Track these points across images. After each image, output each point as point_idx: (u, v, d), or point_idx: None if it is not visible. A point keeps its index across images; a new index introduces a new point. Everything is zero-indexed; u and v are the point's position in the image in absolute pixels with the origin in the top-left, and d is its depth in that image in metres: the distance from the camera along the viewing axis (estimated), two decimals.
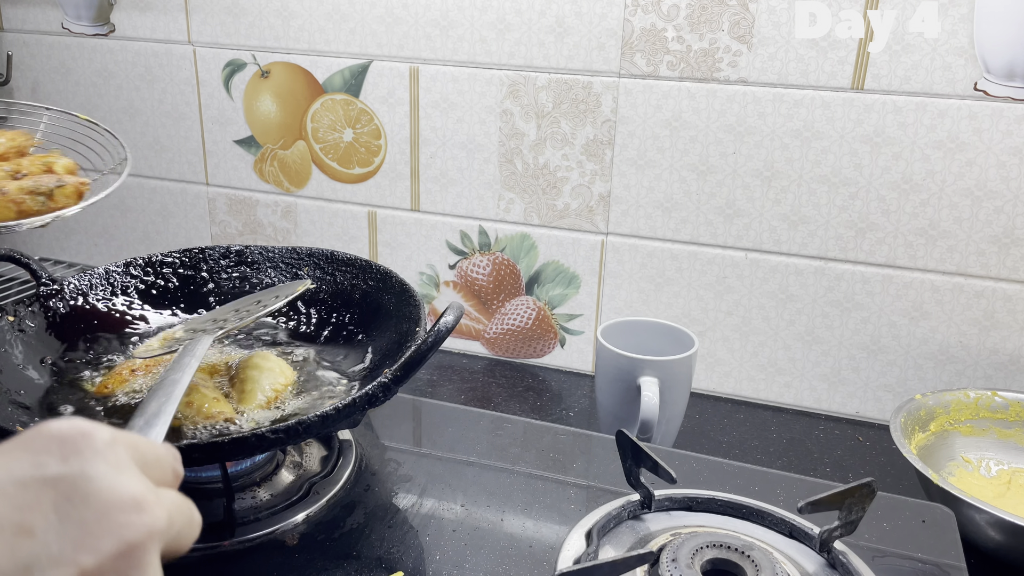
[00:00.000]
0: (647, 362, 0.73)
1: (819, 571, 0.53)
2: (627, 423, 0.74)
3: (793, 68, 0.80)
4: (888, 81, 0.78)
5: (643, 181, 0.88)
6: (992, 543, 0.63)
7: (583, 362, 0.97)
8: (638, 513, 0.58)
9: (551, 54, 0.87)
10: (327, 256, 0.76)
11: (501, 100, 0.91)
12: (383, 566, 0.54)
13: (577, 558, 0.53)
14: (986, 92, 0.76)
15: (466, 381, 0.96)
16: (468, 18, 0.89)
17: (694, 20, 0.82)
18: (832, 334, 0.87)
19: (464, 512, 0.60)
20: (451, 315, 0.56)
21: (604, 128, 0.88)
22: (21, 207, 0.61)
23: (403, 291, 0.69)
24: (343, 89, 0.96)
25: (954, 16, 0.74)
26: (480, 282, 0.98)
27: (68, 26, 1.06)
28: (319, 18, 0.95)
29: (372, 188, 0.99)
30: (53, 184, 0.63)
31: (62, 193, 0.63)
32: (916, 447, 0.72)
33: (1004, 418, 0.77)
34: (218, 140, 1.04)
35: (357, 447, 0.67)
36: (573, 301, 0.95)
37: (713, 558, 0.51)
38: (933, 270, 0.82)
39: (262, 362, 0.64)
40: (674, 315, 0.91)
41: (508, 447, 0.69)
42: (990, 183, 0.78)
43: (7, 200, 0.60)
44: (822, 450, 0.83)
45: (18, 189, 0.61)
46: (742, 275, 0.88)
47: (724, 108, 0.83)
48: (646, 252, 0.90)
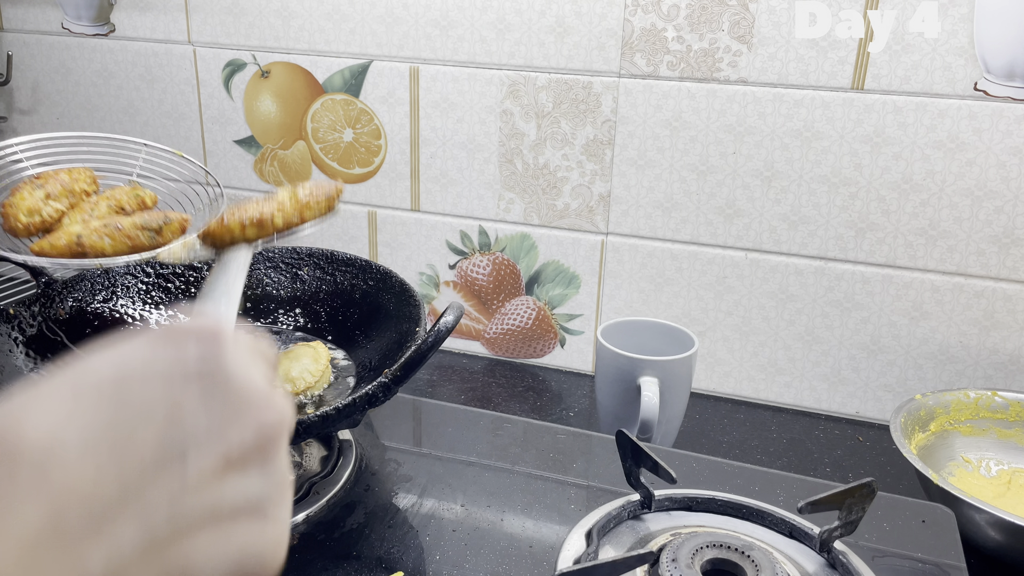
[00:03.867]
0: (647, 362, 0.73)
1: (819, 571, 0.53)
2: (627, 423, 0.74)
3: (793, 68, 0.80)
4: (888, 81, 0.78)
5: (643, 181, 0.88)
6: (992, 543, 0.63)
7: (583, 362, 0.97)
8: (638, 513, 0.58)
9: (551, 54, 0.87)
10: (327, 256, 0.76)
11: (501, 100, 0.91)
12: (383, 566, 0.54)
13: (577, 558, 0.53)
14: (986, 92, 0.76)
15: (466, 381, 0.96)
16: (468, 18, 0.89)
17: (694, 20, 0.82)
18: (832, 334, 0.87)
19: (464, 512, 0.60)
20: (451, 315, 0.56)
21: (604, 128, 0.88)
22: (135, 242, 0.62)
23: (403, 291, 0.69)
24: (343, 89, 0.96)
25: (954, 16, 0.74)
26: (480, 282, 0.98)
27: (68, 26, 1.06)
28: (319, 18, 0.95)
29: (372, 188, 0.99)
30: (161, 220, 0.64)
31: (169, 228, 0.64)
32: (916, 447, 0.72)
33: (1004, 418, 0.77)
34: (218, 140, 1.04)
35: (357, 447, 0.67)
36: (573, 301, 0.95)
37: (713, 558, 0.51)
38: (933, 270, 0.82)
39: (303, 350, 0.65)
40: (674, 315, 0.91)
41: (508, 447, 0.69)
42: (990, 183, 0.78)
43: (123, 235, 0.62)
44: (822, 450, 0.83)
45: (131, 225, 0.62)
46: (742, 275, 0.88)
47: (724, 108, 0.83)
48: (646, 252, 0.90)
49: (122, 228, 0.61)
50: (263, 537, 0.26)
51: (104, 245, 0.61)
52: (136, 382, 0.25)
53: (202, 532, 0.24)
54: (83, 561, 0.22)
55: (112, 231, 0.61)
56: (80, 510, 0.22)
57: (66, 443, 0.22)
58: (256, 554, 0.26)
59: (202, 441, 0.24)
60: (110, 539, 0.22)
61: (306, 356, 0.65)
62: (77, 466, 0.22)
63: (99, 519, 0.22)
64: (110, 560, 0.22)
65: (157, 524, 0.23)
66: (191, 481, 0.24)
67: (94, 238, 0.60)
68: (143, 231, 0.62)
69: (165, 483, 0.24)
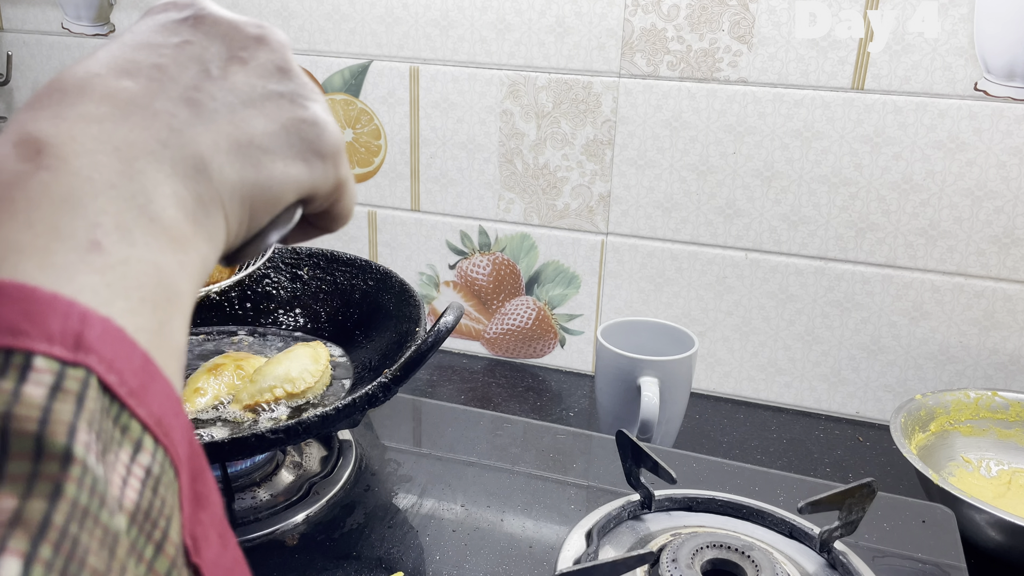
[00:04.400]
0: (647, 362, 0.73)
1: (819, 571, 0.53)
2: (627, 423, 0.74)
3: (793, 68, 0.80)
4: (888, 81, 0.78)
5: (643, 181, 0.88)
6: (992, 543, 0.63)
7: (583, 362, 0.97)
8: (638, 513, 0.58)
9: (551, 54, 0.87)
10: (327, 256, 0.76)
11: (501, 100, 0.90)
12: (383, 566, 0.54)
13: (577, 558, 0.53)
14: (986, 92, 0.76)
15: (466, 381, 0.96)
16: (468, 18, 0.89)
17: (694, 20, 0.82)
18: (832, 334, 0.87)
19: (464, 512, 0.60)
20: (451, 315, 0.56)
21: (604, 128, 0.88)
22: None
23: (403, 291, 0.69)
24: (343, 89, 0.96)
25: (954, 16, 0.74)
26: (480, 282, 0.98)
27: (68, 26, 1.06)
28: (319, 18, 0.95)
29: (372, 188, 0.99)
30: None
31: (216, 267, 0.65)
32: (916, 447, 0.72)
33: (1004, 418, 0.77)
34: None
35: (357, 447, 0.67)
36: (573, 301, 0.95)
37: (713, 558, 0.51)
38: (933, 270, 0.82)
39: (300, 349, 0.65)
40: (674, 315, 0.91)
41: (508, 447, 0.69)
42: (990, 183, 0.78)
43: None
44: (822, 450, 0.83)
45: None
46: (742, 275, 0.88)
47: (724, 108, 0.83)
48: (646, 252, 0.90)
49: None
50: (307, 112, 0.29)
51: None
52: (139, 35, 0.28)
53: (247, 110, 0.27)
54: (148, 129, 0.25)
55: None
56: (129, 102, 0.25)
57: (100, 73, 0.25)
58: (309, 122, 0.29)
59: (215, 56, 0.28)
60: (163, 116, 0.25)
61: (306, 356, 0.64)
62: (115, 81, 0.25)
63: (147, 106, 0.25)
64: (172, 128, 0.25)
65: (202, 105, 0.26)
66: (218, 78, 0.27)
67: None
68: None
69: (195, 81, 0.27)
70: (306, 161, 0.29)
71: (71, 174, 0.22)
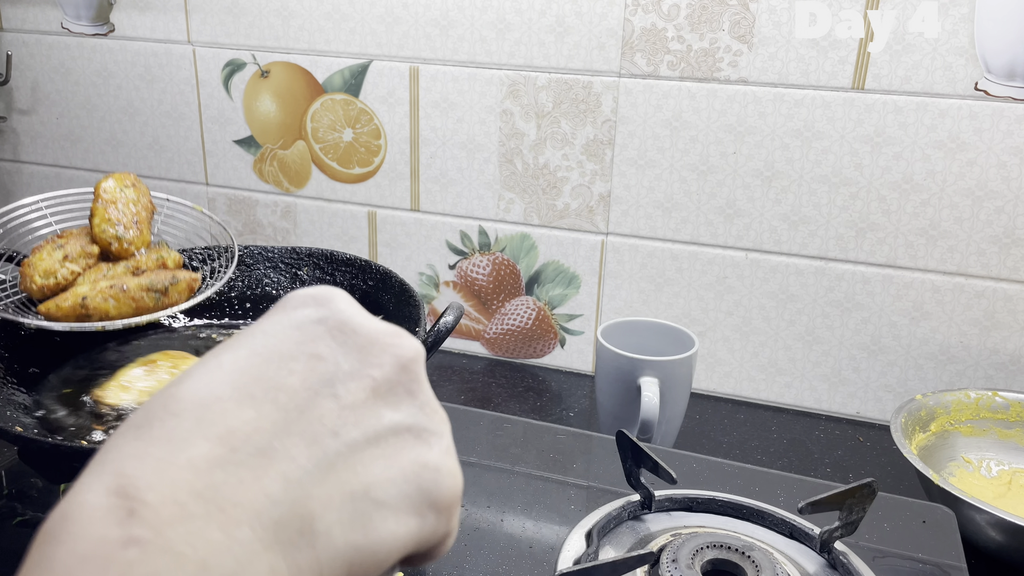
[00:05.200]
0: (647, 362, 0.73)
1: (819, 572, 0.53)
2: (627, 423, 0.74)
3: (793, 68, 0.80)
4: (888, 81, 0.78)
5: (643, 181, 0.88)
6: (993, 543, 0.63)
7: (583, 362, 0.97)
8: (638, 513, 0.58)
9: (551, 54, 0.87)
10: (327, 256, 0.76)
11: (501, 100, 0.90)
12: None
13: (577, 559, 0.53)
14: (987, 92, 0.76)
15: (466, 381, 0.96)
16: (468, 18, 0.89)
17: (694, 20, 0.82)
18: (832, 334, 0.87)
19: (464, 512, 0.60)
20: (451, 315, 0.56)
21: (604, 128, 0.88)
22: (139, 304, 0.63)
23: (403, 291, 0.69)
24: (343, 89, 0.96)
25: (954, 16, 0.74)
26: (480, 282, 0.98)
27: (68, 26, 1.06)
28: (319, 18, 0.94)
29: (372, 188, 0.99)
30: (168, 281, 0.64)
31: (175, 289, 0.65)
32: (917, 447, 0.72)
33: (1005, 418, 0.77)
34: (218, 140, 1.04)
35: None
36: (573, 301, 0.95)
37: (713, 559, 0.51)
38: (934, 270, 0.82)
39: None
40: (674, 315, 0.91)
41: (508, 447, 0.69)
42: (991, 183, 0.78)
43: (127, 296, 0.62)
44: (822, 450, 0.83)
45: (137, 286, 0.63)
46: (742, 275, 0.88)
47: (724, 108, 0.83)
48: (646, 252, 0.90)
49: (127, 290, 0.62)
50: (430, 455, 0.27)
51: (108, 307, 0.62)
52: (272, 338, 0.26)
53: (368, 450, 0.25)
54: (260, 482, 0.23)
55: (117, 293, 0.62)
56: (247, 440, 0.23)
57: (222, 396, 0.24)
58: (431, 468, 0.27)
59: (346, 376, 0.26)
60: (281, 461, 0.23)
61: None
62: (235, 410, 0.24)
63: (266, 447, 0.23)
64: (287, 480, 0.23)
65: (323, 444, 0.24)
66: (345, 405, 0.25)
67: (99, 300, 0.61)
68: (148, 293, 0.63)
69: (320, 410, 0.25)
70: (420, 515, 0.26)
71: (161, 552, 0.20)
